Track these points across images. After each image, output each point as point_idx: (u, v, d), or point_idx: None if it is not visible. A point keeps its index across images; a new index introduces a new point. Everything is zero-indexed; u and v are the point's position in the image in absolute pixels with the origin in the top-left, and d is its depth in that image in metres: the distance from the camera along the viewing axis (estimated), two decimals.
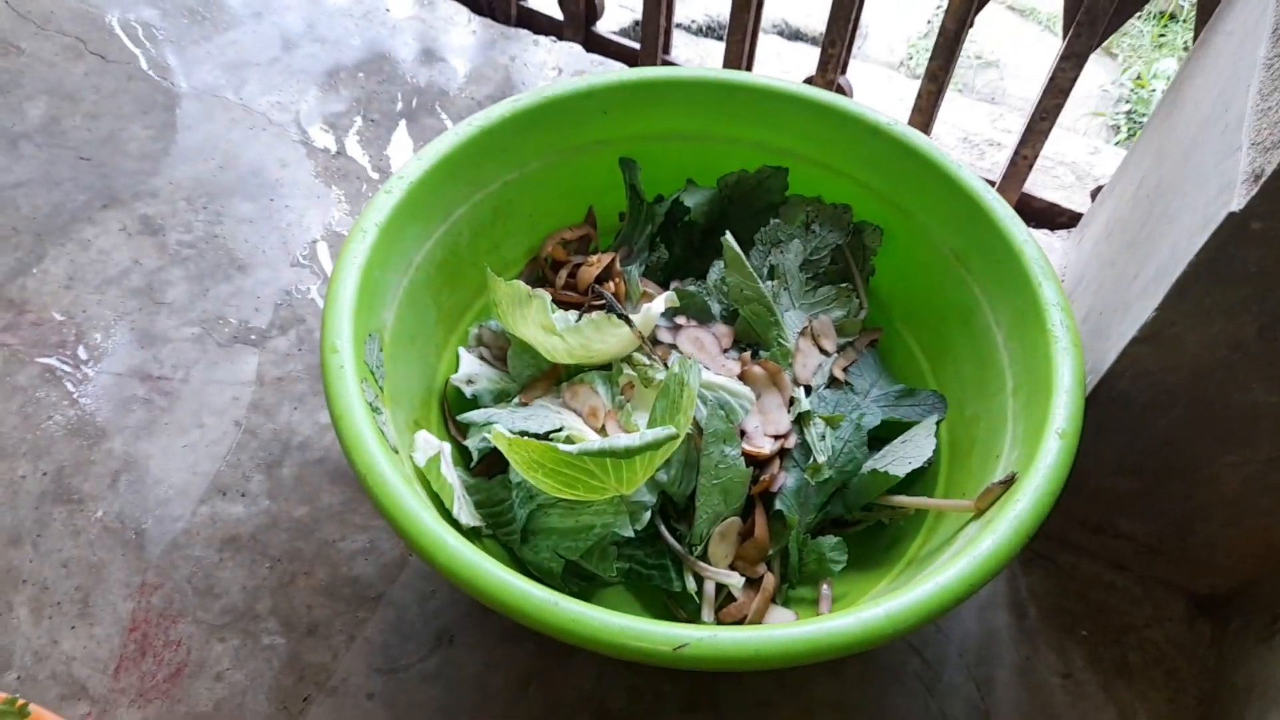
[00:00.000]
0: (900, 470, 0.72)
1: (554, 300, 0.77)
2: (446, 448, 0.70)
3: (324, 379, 0.61)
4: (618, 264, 0.85)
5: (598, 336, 0.74)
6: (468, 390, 0.78)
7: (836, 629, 0.54)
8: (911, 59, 1.93)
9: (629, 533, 0.67)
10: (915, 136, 0.81)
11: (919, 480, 0.77)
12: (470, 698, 0.68)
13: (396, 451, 0.64)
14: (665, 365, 0.76)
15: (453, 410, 0.78)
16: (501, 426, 0.68)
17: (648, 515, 0.69)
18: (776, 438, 0.76)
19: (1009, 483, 0.63)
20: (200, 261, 0.94)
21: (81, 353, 0.85)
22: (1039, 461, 0.62)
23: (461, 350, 0.80)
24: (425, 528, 0.56)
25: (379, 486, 0.57)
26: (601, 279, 0.84)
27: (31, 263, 0.92)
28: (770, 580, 0.71)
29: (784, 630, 0.54)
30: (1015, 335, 0.73)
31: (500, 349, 0.82)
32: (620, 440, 0.62)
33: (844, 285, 0.85)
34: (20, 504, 0.75)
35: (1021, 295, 0.72)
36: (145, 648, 0.68)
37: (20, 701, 0.50)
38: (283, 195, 1.01)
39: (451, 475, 0.68)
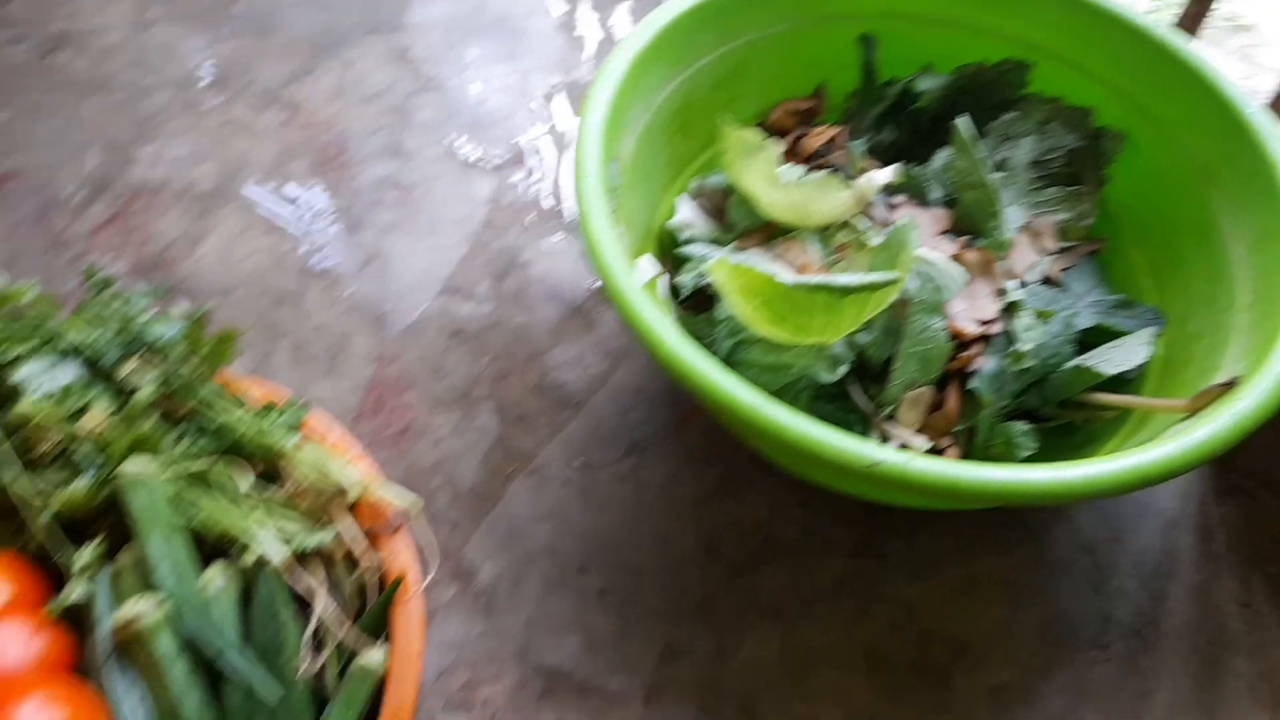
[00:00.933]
0: (1107, 369, 0.71)
1: None
2: (665, 276, 0.74)
3: (575, 182, 0.66)
4: (843, 139, 0.86)
5: (818, 196, 0.76)
6: (683, 235, 0.82)
7: (1034, 476, 0.55)
8: (1158, 10, 1.81)
9: (826, 378, 0.70)
10: (1178, 39, 0.77)
11: (1122, 390, 0.75)
12: (655, 503, 0.73)
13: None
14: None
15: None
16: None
17: (844, 368, 0.71)
18: (982, 323, 0.76)
19: (1231, 385, 0.62)
20: (447, 92, 1.01)
21: (342, 155, 0.95)
22: (1269, 367, 0.60)
23: (682, 197, 0.84)
24: (652, 320, 0.61)
25: (611, 276, 0.62)
26: (826, 150, 0.85)
27: (304, 73, 1.02)
28: (954, 453, 0.72)
29: (978, 468, 0.56)
30: (1258, 250, 0.70)
31: (718, 204, 0.85)
32: (840, 277, 0.64)
33: (1073, 189, 0.83)
34: (286, 272, 0.86)
35: (1273, 211, 0.69)
36: (380, 406, 0.77)
37: (301, 401, 0.58)
38: (526, 43, 1.07)
39: (667, 297, 0.72)
